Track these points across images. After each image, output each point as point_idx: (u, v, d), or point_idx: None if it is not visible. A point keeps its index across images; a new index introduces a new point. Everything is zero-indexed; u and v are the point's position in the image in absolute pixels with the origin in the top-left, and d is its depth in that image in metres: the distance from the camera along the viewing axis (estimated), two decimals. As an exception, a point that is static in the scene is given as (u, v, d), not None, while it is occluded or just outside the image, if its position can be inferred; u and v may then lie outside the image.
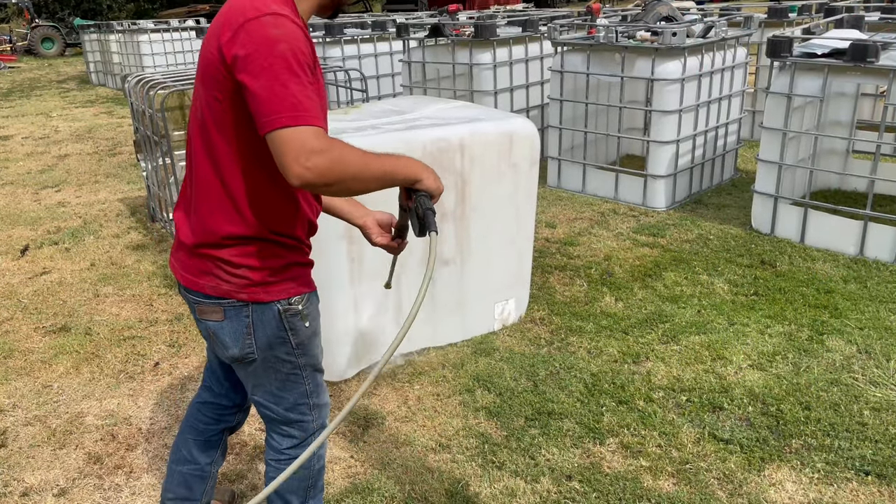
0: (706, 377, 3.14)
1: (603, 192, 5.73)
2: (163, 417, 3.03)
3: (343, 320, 3.12)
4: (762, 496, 2.46)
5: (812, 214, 4.53)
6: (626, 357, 3.33)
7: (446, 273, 3.31)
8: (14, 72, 17.56)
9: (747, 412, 2.89)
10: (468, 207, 3.25)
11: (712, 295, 3.91)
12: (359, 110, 3.77)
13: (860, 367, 3.16)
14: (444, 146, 3.08)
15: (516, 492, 2.51)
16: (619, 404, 2.98)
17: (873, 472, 2.54)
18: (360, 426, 2.91)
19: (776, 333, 3.48)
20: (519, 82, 6.40)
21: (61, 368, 3.44)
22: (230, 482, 2.63)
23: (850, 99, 5.22)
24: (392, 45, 7.94)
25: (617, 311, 3.78)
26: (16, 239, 5.27)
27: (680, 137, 5.27)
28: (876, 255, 4.28)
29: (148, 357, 3.53)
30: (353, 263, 3.02)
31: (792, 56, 4.42)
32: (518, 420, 2.90)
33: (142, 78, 4.94)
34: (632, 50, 5.22)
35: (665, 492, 2.49)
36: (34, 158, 7.95)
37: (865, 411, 2.86)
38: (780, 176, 4.61)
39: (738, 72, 5.78)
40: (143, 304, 4.10)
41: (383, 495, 2.52)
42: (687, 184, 5.58)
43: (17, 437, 2.93)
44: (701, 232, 4.86)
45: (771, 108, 4.59)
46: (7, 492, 2.62)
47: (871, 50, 4.06)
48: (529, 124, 3.42)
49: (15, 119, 10.67)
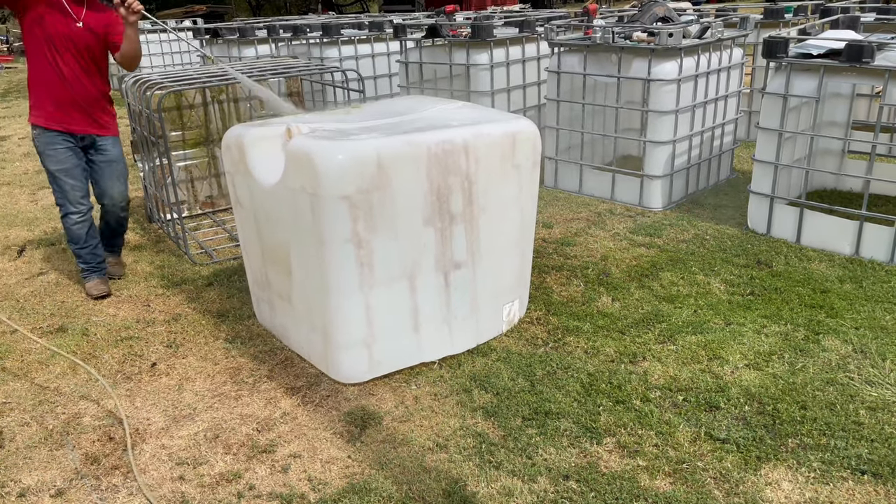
0: (703, 377, 3.15)
1: (600, 193, 5.74)
2: (160, 418, 3.03)
3: (356, 325, 3.09)
4: (759, 495, 2.46)
5: (808, 214, 4.55)
6: (623, 357, 3.34)
7: (460, 276, 3.27)
8: (10, 72, 17.53)
9: (744, 411, 2.90)
10: (476, 208, 3.22)
11: (709, 295, 3.92)
12: (359, 111, 3.77)
13: (856, 367, 3.17)
14: (450, 148, 3.06)
15: (514, 491, 2.52)
16: (616, 404, 2.98)
17: (869, 471, 2.55)
18: (357, 426, 2.92)
19: (772, 333, 3.49)
20: (516, 83, 6.41)
21: (58, 369, 3.44)
22: (227, 482, 2.63)
23: (845, 99, 5.24)
24: (389, 46, 7.94)
25: (614, 310, 3.79)
26: (12, 240, 5.27)
27: (676, 138, 5.28)
28: (871, 255, 4.30)
29: (145, 357, 3.53)
30: (363, 268, 3.00)
31: (788, 57, 4.44)
32: (515, 420, 2.91)
33: (139, 78, 4.94)
34: (628, 50, 5.23)
35: (662, 491, 2.49)
36: (31, 159, 7.93)
37: (861, 411, 2.87)
38: (777, 176, 4.62)
39: (735, 72, 5.80)
40: (140, 305, 4.10)
41: (381, 495, 2.53)
42: (683, 184, 5.60)
43: (13, 438, 2.93)
44: (697, 232, 4.87)
45: (767, 109, 4.60)
46: (4, 492, 2.62)
47: (866, 50, 4.08)
48: (531, 125, 3.40)
49: (11, 119, 10.65)
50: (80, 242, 4.07)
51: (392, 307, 3.13)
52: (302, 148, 2.94)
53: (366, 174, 2.87)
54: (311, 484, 2.61)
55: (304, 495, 2.55)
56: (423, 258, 3.13)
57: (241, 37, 8.68)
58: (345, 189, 2.85)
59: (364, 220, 2.91)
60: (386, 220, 2.97)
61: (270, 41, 8.65)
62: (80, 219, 4.01)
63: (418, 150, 2.99)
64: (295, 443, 2.84)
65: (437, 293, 3.23)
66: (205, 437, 2.89)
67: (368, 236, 2.95)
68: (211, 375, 3.34)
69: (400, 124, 3.30)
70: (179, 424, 2.98)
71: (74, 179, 3.95)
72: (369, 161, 2.87)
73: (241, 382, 3.27)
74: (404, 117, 3.48)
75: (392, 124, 3.31)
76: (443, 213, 3.11)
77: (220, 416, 3.02)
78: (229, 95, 5.67)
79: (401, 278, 3.10)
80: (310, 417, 2.99)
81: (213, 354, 3.53)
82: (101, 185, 4.11)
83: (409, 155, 2.97)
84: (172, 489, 2.61)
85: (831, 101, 5.16)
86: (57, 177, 3.92)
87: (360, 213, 2.90)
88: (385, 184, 2.92)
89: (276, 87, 5.95)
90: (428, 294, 3.20)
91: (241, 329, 3.76)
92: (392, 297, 3.10)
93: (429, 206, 3.07)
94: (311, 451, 2.78)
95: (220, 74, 4.93)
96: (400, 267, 3.08)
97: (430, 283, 3.19)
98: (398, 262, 3.07)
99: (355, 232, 2.92)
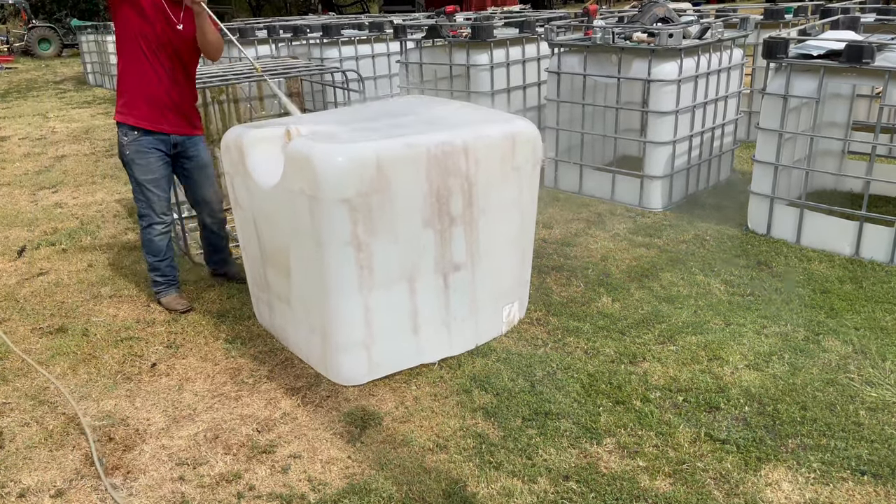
0: (703, 377, 3.15)
1: (600, 193, 5.74)
2: (160, 418, 3.03)
3: (355, 327, 3.09)
4: (759, 496, 2.46)
5: (808, 215, 4.55)
6: (623, 357, 3.34)
7: (459, 278, 3.27)
8: (11, 73, 17.53)
9: (744, 412, 2.90)
10: (476, 210, 3.22)
11: (709, 295, 3.92)
12: (360, 111, 3.77)
13: (856, 368, 3.17)
14: (449, 150, 3.06)
15: (513, 492, 2.52)
16: (616, 404, 2.98)
17: (869, 471, 2.55)
18: (357, 426, 2.92)
19: (772, 334, 3.49)
20: (516, 83, 6.41)
21: (58, 369, 3.44)
22: (227, 482, 2.63)
23: (845, 100, 5.23)
24: (389, 47, 7.95)
25: (614, 311, 3.79)
26: (13, 240, 5.27)
27: (676, 138, 5.28)
28: (872, 256, 4.30)
29: (145, 358, 3.53)
30: (363, 271, 2.99)
31: (788, 57, 4.44)
32: (515, 420, 2.91)
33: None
34: (628, 51, 5.23)
35: (662, 492, 2.49)
36: (31, 159, 7.94)
37: (861, 411, 2.87)
38: (777, 177, 4.62)
39: (735, 73, 5.80)
40: (140, 305, 4.10)
41: (381, 496, 2.53)
42: (683, 185, 5.60)
43: (13, 438, 2.93)
44: (697, 232, 4.87)
45: (767, 109, 4.60)
46: (4, 493, 2.62)
47: (866, 51, 4.08)
48: (531, 126, 3.40)
49: (12, 120, 10.65)
50: (160, 255, 3.96)
51: (391, 309, 3.13)
52: (301, 150, 2.93)
53: (365, 177, 2.87)
54: (311, 484, 2.61)
55: (304, 496, 2.55)
56: (422, 260, 3.13)
57: (241, 37, 8.67)
58: (344, 192, 2.84)
59: (363, 222, 2.91)
60: (385, 222, 2.97)
61: (270, 41, 8.65)
62: (163, 230, 3.92)
63: (418, 152, 2.98)
64: (295, 443, 2.84)
65: (437, 295, 3.23)
66: (205, 438, 2.89)
67: (368, 239, 2.95)
68: (211, 376, 3.34)
69: (399, 126, 3.30)
70: (179, 425, 2.99)
71: (162, 191, 3.85)
72: (369, 163, 2.87)
73: (242, 383, 3.28)
74: (404, 118, 3.47)
75: (392, 125, 3.31)
76: (442, 215, 3.11)
77: (220, 417, 3.02)
78: (229, 96, 5.67)
79: (400, 280, 3.10)
80: (310, 418, 3.00)
81: (213, 355, 3.53)
82: (197, 193, 4.04)
83: (409, 157, 2.97)
84: (172, 489, 2.61)
85: (831, 102, 5.16)
86: (145, 187, 3.79)
87: (359, 216, 2.89)
88: (384, 186, 2.92)
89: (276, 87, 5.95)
90: (427, 296, 3.20)
91: (241, 329, 3.76)
92: (391, 299, 3.10)
93: (428, 208, 3.06)
94: (311, 452, 2.78)
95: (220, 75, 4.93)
96: (399, 269, 3.08)
97: (430, 285, 3.19)
98: (397, 265, 3.06)
99: (355, 234, 2.91)
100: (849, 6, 6.98)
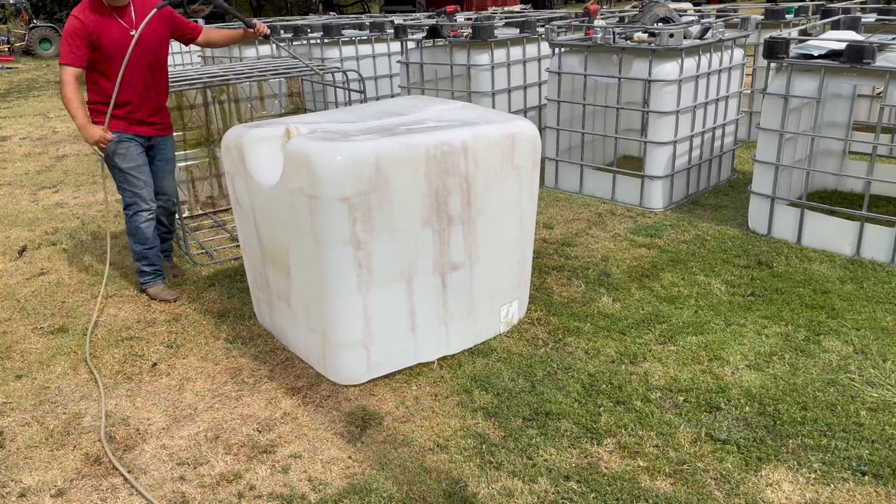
0: (703, 377, 3.15)
1: (600, 193, 5.74)
2: (160, 418, 3.03)
3: (354, 327, 3.09)
4: (759, 496, 2.46)
5: (809, 215, 4.55)
6: (624, 357, 3.34)
7: (457, 277, 3.28)
8: (12, 72, 17.54)
9: (744, 412, 2.90)
10: (474, 210, 3.22)
11: (709, 295, 3.92)
12: (360, 112, 3.77)
13: (857, 368, 3.17)
14: (448, 150, 3.06)
15: (514, 492, 2.51)
16: (617, 405, 2.98)
17: (870, 472, 2.55)
18: (358, 426, 2.92)
19: (773, 334, 3.49)
20: (516, 83, 6.41)
21: (59, 369, 3.44)
22: (228, 482, 2.63)
23: (846, 100, 5.23)
24: (390, 47, 7.94)
25: (614, 311, 3.79)
26: (13, 240, 5.27)
27: (677, 138, 5.28)
28: (872, 256, 4.29)
29: (146, 358, 3.53)
30: (362, 270, 2.99)
31: (788, 57, 4.44)
32: (516, 420, 2.91)
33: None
34: (629, 51, 5.23)
35: (662, 492, 2.49)
36: (32, 159, 7.94)
37: (862, 411, 2.87)
38: (777, 177, 4.62)
39: (735, 73, 5.80)
40: (140, 305, 4.10)
41: (381, 496, 2.53)
42: (684, 185, 5.59)
43: (14, 438, 2.93)
44: (698, 233, 4.87)
45: (768, 110, 4.60)
46: (5, 493, 2.62)
47: (867, 51, 4.08)
48: (531, 126, 3.40)
49: (13, 120, 10.66)
50: (147, 243, 4.11)
51: (390, 308, 3.13)
52: (300, 149, 2.93)
53: (364, 176, 2.87)
54: (312, 484, 2.61)
55: (304, 496, 2.55)
56: (420, 260, 3.13)
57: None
58: (343, 191, 2.85)
59: (362, 221, 2.91)
60: (384, 221, 2.97)
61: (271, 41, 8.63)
62: (149, 216, 4.09)
63: (417, 151, 2.99)
64: (295, 443, 2.84)
65: (435, 294, 3.23)
66: (205, 438, 2.89)
67: (366, 238, 2.95)
68: (211, 375, 3.34)
69: (399, 125, 3.30)
70: (180, 424, 2.99)
71: (146, 177, 4.05)
72: (368, 163, 2.87)
73: (242, 383, 3.28)
74: (404, 118, 3.47)
75: (391, 125, 3.31)
76: (441, 214, 3.12)
77: (221, 417, 3.02)
78: (230, 96, 5.67)
79: (398, 280, 3.10)
80: (310, 418, 3.00)
81: (213, 355, 3.53)
82: (158, 184, 4.21)
83: (408, 157, 2.97)
84: (173, 489, 2.61)
85: (832, 102, 5.16)
86: (129, 174, 3.99)
87: (358, 215, 2.90)
88: (383, 185, 2.92)
89: (276, 87, 5.96)
90: (425, 295, 3.20)
91: (241, 329, 3.76)
92: (390, 298, 3.10)
93: (427, 207, 3.07)
94: (312, 452, 2.78)
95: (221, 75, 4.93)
96: (398, 268, 3.08)
97: (428, 285, 3.19)
98: (396, 264, 3.07)
99: (353, 233, 2.92)
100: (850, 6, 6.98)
